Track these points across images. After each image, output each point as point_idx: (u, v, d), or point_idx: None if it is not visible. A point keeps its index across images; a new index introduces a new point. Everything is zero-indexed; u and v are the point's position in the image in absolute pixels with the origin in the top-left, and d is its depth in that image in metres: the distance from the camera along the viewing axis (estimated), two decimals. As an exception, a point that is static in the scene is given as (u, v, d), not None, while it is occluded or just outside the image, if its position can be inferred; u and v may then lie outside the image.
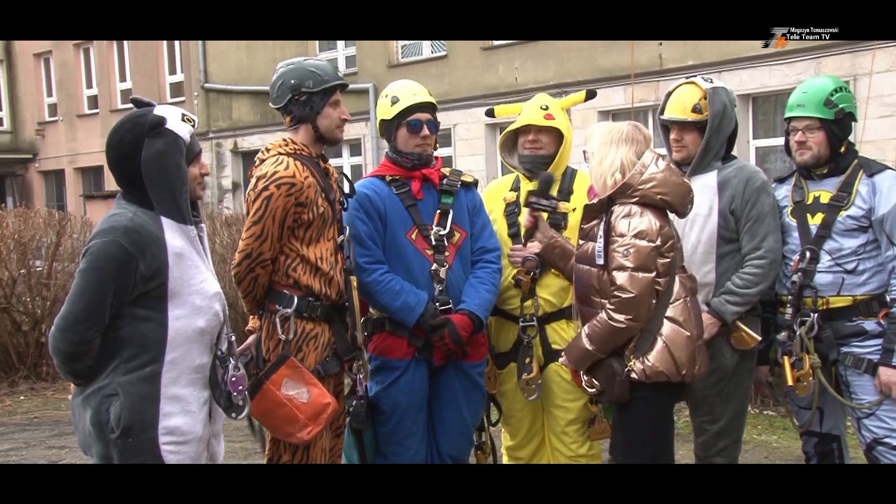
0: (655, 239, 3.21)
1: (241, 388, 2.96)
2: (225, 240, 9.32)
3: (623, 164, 3.30)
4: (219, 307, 2.94)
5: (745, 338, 3.76)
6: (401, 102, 3.67)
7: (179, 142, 2.87)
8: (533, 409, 3.95)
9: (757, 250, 3.72)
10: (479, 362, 3.81)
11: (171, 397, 2.82)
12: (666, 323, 3.25)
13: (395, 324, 3.65)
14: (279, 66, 3.59)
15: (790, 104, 3.81)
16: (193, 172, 2.95)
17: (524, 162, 3.96)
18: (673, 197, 3.29)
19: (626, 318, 3.19)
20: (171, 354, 2.82)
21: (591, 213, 3.39)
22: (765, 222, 3.73)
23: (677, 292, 3.29)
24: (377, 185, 3.71)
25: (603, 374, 3.31)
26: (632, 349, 3.25)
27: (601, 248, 3.25)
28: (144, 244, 2.77)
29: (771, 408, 6.51)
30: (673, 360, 3.22)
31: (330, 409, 3.37)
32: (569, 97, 4.15)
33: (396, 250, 3.65)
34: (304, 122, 3.52)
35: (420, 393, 3.69)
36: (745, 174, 3.80)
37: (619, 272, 3.20)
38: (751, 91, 11.75)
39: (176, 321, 2.83)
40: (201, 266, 2.92)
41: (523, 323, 3.84)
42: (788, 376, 3.70)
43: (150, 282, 2.79)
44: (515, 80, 14.26)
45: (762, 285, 3.73)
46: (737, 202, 3.74)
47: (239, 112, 18.90)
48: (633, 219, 3.22)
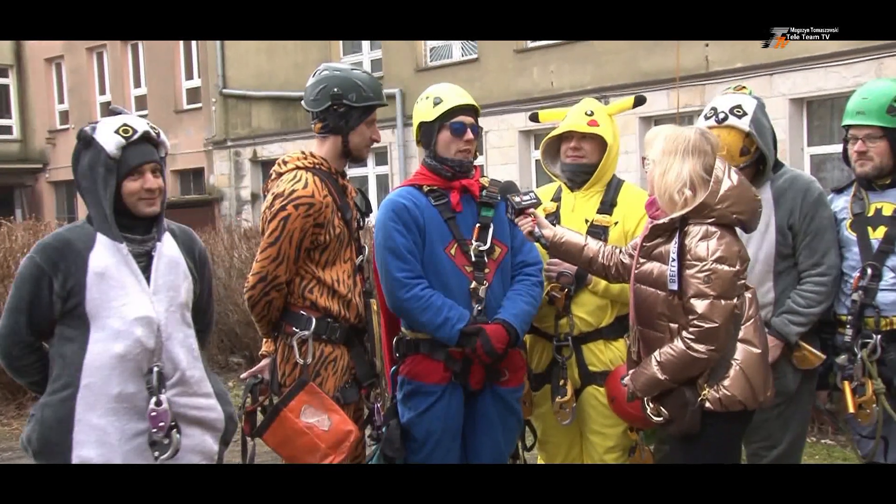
0: (735, 263, 3.16)
1: (163, 425, 2.94)
2: (244, 254, 9.38)
3: (692, 179, 3.22)
4: (142, 333, 2.94)
5: (808, 357, 3.72)
6: (444, 103, 3.64)
7: (102, 155, 2.93)
8: (570, 435, 3.92)
9: (818, 266, 3.70)
10: (518, 387, 3.78)
11: (86, 425, 2.87)
12: (739, 346, 3.22)
13: (431, 345, 3.62)
14: (322, 67, 3.60)
15: (848, 110, 3.76)
16: (131, 187, 2.98)
17: (566, 170, 3.93)
18: (748, 215, 3.26)
19: (708, 348, 3.14)
20: (88, 379, 2.89)
21: (657, 232, 3.31)
22: (825, 237, 3.71)
23: (748, 312, 3.26)
24: (415, 196, 3.68)
25: (673, 403, 3.25)
26: (705, 377, 3.21)
27: (675, 273, 3.19)
28: (61, 261, 2.88)
29: (830, 436, 6.41)
30: (750, 387, 3.19)
31: (352, 437, 3.36)
32: (616, 103, 4.12)
33: (434, 266, 3.61)
34: (334, 134, 3.54)
35: (456, 420, 3.66)
36: (800, 186, 3.76)
37: (698, 300, 3.14)
38: (805, 95, 11.65)
39: (94, 345, 2.89)
40: (130, 287, 2.94)
41: (558, 342, 3.81)
42: (849, 403, 3.64)
43: (68, 301, 2.89)
44: (551, 84, 14.25)
45: (825, 304, 3.71)
46: (795, 216, 3.71)
47: (259, 119, 19.05)
48: (711, 241, 3.16)
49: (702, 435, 3.22)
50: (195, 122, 20.75)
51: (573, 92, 12.83)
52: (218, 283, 9.01)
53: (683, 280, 3.17)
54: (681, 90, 11.43)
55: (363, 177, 17.08)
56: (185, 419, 3.03)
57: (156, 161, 3.03)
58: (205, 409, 3.11)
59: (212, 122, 19.92)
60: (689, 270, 3.16)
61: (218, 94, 19.51)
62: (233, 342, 9.19)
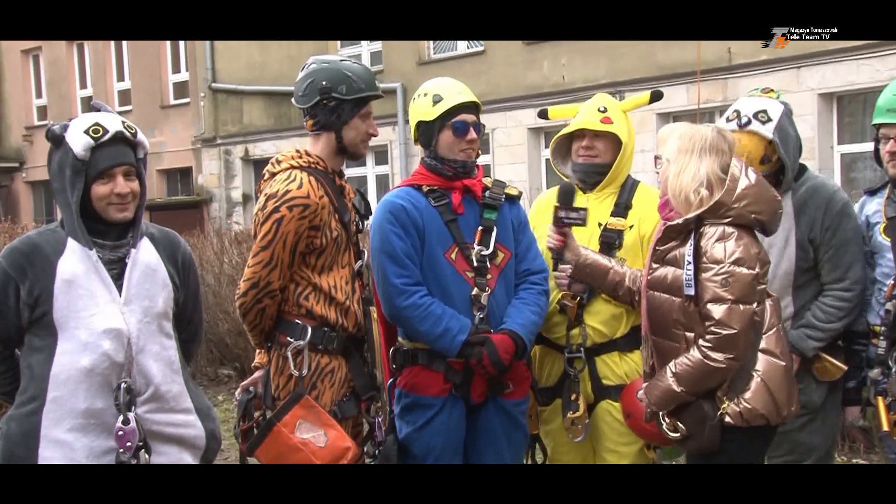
0: (755, 265, 3.17)
1: (130, 445, 2.94)
2: (234, 259, 9.40)
3: (709, 178, 3.23)
4: (110, 346, 2.94)
5: (829, 368, 3.73)
6: (444, 101, 3.65)
7: (70, 155, 2.94)
8: (582, 452, 3.92)
9: (841, 281, 3.71)
10: (523, 400, 3.78)
11: (52, 441, 2.88)
12: (760, 356, 3.22)
13: (430, 356, 3.62)
14: (310, 60, 3.61)
15: (879, 107, 3.76)
16: (100, 191, 2.98)
17: (577, 171, 3.93)
18: (767, 215, 3.26)
19: (726, 357, 3.14)
20: (54, 392, 2.90)
21: (671, 235, 3.32)
22: (849, 250, 3.72)
23: (769, 321, 3.26)
24: (414, 197, 3.68)
25: (691, 418, 3.25)
26: (725, 389, 3.21)
27: (691, 277, 3.19)
28: (28, 266, 2.89)
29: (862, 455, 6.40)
30: (773, 400, 3.19)
31: (350, 455, 3.36)
32: (631, 99, 4.13)
33: (434, 271, 3.62)
34: (327, 130, 3.55)
35: (457, 434, 3.66)
36: (823, 196, 3.76)
37: (715, 305, 3.15)
38: (835, 89, 11.64)
39: (62, 356, 2.91)
40: (99, 297, 2.95)
41: (569, 354, 3.81)
42: (884, 420, 3.63)
43: (36, 309, 2.90)
44: (562, 78, 14.25)
45: (846, 319, 3.73)
46: (816, 230, 3.72)
47: (250, 115, 19.08)
48: (728, 242, 3.17)
49: (721, 452, 3.22)
50: (182, 118, 20.79)
51: (586, 87, 12.84)
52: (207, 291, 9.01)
53: (699, 284, 3.18)
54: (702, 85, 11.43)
55: (362, 177, 17.10)
56: (160, 437, 3.03)
57: (129, 163, 3.01)
58: (182, 426, 3.10)
59: (200, 119, 19.95)
60: (705, 274, 3.17)
61: (207, 88, 19.54)
62: (223, 353, 9.20)
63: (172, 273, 3.17)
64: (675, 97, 12.45)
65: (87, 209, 2.98)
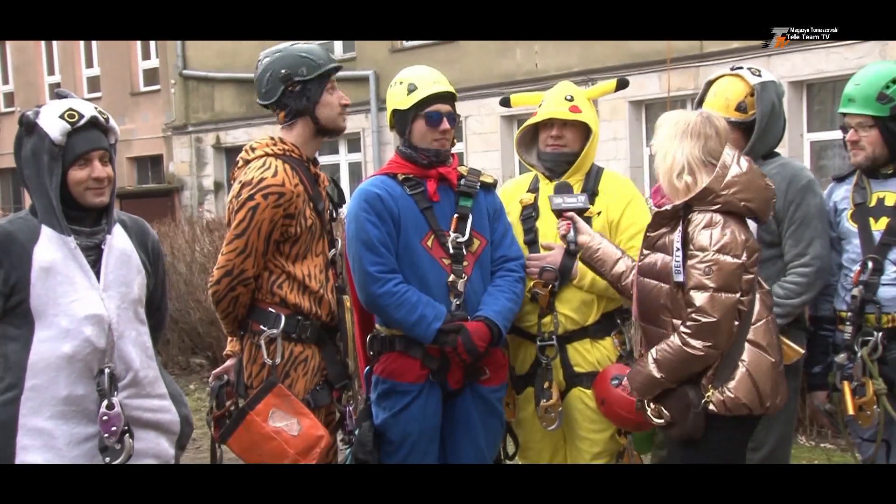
0: (741, 254, 3.18)
1: (115, 430, 2.94)
2: (206, 247, 9.37)
3: (689, 163, 3.24)
4: (92, 332, 2.94)
5: (786, 351, 3.73)
6: (419, 91, 3.65)
7: (46, 142, 2.92)
8: (553, 441, 3.94)
9: (802, 257, 3.74)
10: (500, 386, 3.79)
11: (31, 429, 2.87)
12: (747, 347, 3.23)
13: (406, 343, 3.63)
14: (262, 56, 3.60)
15: (843, 97, 3.80)
16: (78, 176, 2.98)
17: (545, 160, 3.95)
18: (758, 203, 3.27)
19: (705, 344, 3.15)
20: (32, 381, 2.89)
21: (661, 221, 3.34)
22: (811, 226, 3.74)
23: (759, 312, 3.27)
24: (389, 185, 3.68)
25: (676, 405, 3.26)
26: (710, 377, 3.22)
27: (679, 263, 3.20)
28: (3, 256, 2.87)
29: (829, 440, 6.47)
30: (756, 391, 3.20)
31: (323, 443, 3.37)
32: (597, 86, 4.16)
33: (410, 259, 3.63)
34: (301, 116, 3.54)
35: (433, 421, 3.68)
36: (787, 172, 3.80)
37: (698, 292, 3.16)
38: (805, 78, 11.74)
39: (40, 344, 2.89)
40: (78, 283, 2.95)
41: (541, 342, 3.82)
42: (849, 404, 3.67)
43: (11, 298, 2.89)
44: (535, 66, 14.29)
45: (807, 295, 3.75)
46: (779, 203, 3.72)
47: (222, 103, 18.98)
48: (714, 230, 3.18)
49: (704, 440, 3.23)
50: (153, 105, 20.64)
51: (559, 74, 12.84)
52: (178, 279, 8.98)
53: (685, 271, 3.20)
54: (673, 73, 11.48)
55: (335, 165, 17.06)
56: (139, 422, 3.03)
57: (104, 148, 3.02)
58: (159, 412, 3.11)
59: (171, 106, 19.82)
60: (690, 261, 3.18)
61: (178, 75, 19.42)
62: (195, 342, 9.17)
63: (144, 260, 3.17)
64: (647, 85, 12.53)
65: (62, 195, 2.97)
